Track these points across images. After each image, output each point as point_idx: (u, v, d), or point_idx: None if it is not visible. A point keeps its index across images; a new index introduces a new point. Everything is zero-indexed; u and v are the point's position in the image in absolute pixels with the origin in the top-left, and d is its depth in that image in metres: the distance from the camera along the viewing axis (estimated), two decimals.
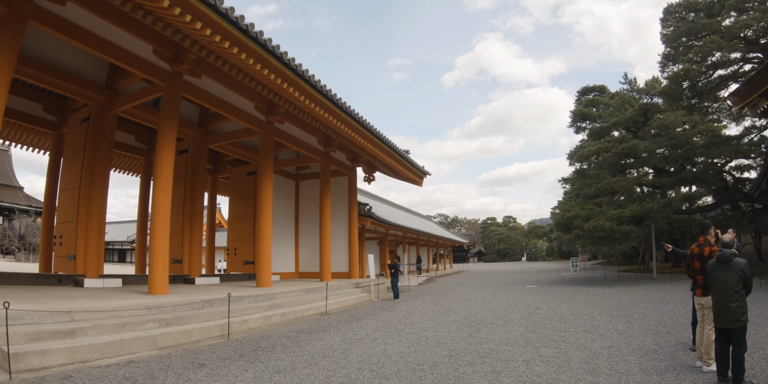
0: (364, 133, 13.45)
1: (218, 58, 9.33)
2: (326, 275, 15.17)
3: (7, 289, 8.15)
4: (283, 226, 17.83)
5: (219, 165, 18.02)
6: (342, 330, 8.62)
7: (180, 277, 12.53)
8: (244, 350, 6.53)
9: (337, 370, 5.49)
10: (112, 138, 11.08)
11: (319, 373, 5.34)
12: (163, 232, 9.03)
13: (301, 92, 10.24)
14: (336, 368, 5.61)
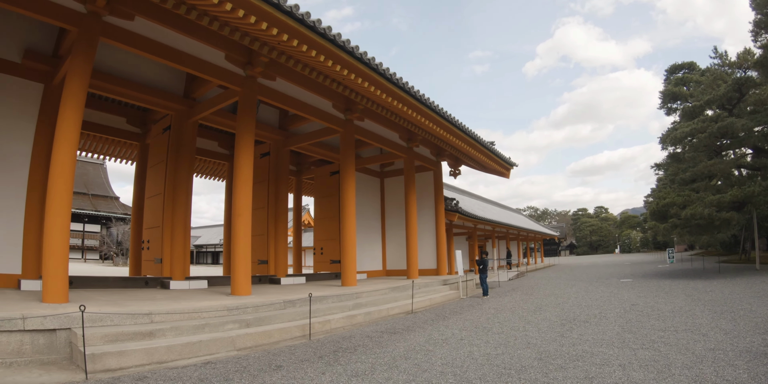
0: (446, 125, 12.97)
1: (290, 59, 9.24)
2: (413, 273, 14.83)
3: (93, 292, 8.45)
4: (370, 224, 17.68)
5: (303, 166, 18.23)
6: (427, 330, 8.17)
7: (266, 278, 12.68)
8: (324, 351, 6.25)
9: (417, 374, 5.05)
10: (194, 145, 11.34)
11: (399, 378, 4.92)
12: (245, 233, 9.03)
13: (378, 88, 10.02)
14: (417, 372, 5.16)
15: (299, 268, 18.01)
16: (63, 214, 6.54)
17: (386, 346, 6.60)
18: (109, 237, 43.39)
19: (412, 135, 15.35)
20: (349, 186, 12.19)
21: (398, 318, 9.65)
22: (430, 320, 9.34)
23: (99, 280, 9.57)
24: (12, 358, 4.96)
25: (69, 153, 6.70)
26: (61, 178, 6.60)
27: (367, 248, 17.25)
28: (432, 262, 17.17)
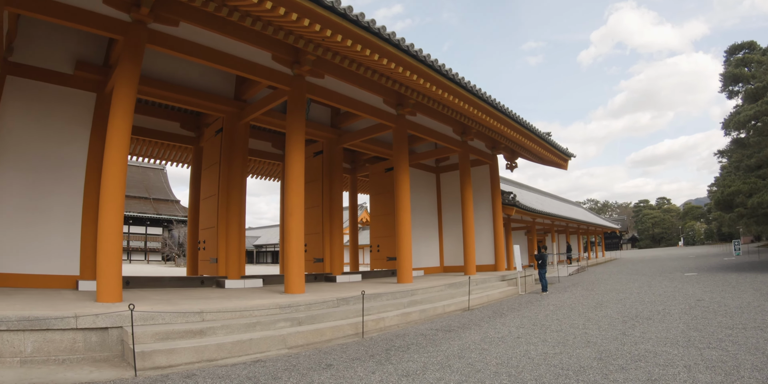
0: (501, 117, 12.57)
1: (336, 55, 9.15)
2: (470, 268, 14.47)
3: (148, 292, 8.68)
4: (426, 220, 17.48)
5: (357, 164, 18.23)
6: (483, 327, 7.87)
7: (322, 276, 12.73)
8: (376, 350, 6.09)
9: (470, 375, 4.78)
10: (246, 146, 11.54)
11: (451, 378, 4.67)
12: (297, 232, 9.03)
13: (431, 82, 9.83)
14: (470, 372, 4.89)
15: (356, 265, 18.05)
16: (115, 217, 6.70)
17: (440, 345, 6.36)
18: (170, 239, 45.29)
19: (466, 128, 15.01)
20: (403, 182, 12.04)
21: (454, 315, 9.38)
22: (486, 317, 9.02)
23: (155, 280, 9.87)
24: (65, 355, 5.12)
25: (120, 158, 6.87)
26: (113, 182, 6.77)
27: (424, 244, 17.04)
28: (490, 258, 16.81)
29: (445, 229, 18.08)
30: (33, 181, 8.21)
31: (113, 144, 6.89)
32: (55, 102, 8.60)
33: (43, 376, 4.59)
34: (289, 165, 9.25)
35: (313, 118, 13.17)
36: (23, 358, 4.95)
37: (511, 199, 18.41)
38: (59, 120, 8.58)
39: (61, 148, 8.53)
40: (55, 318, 5.11)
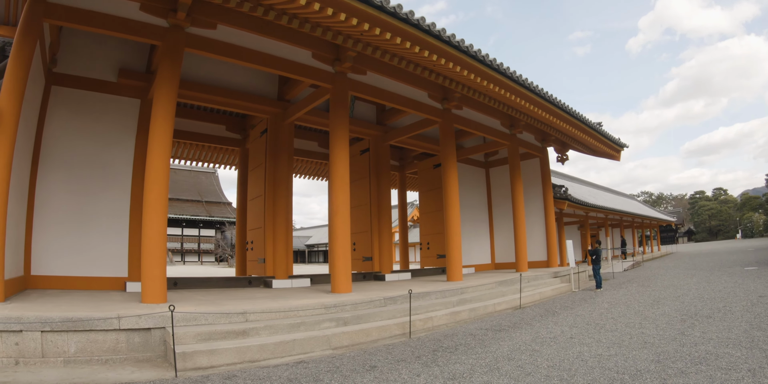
0: (549, 107, 12.08)
1: (376, 49, 9.02)
2: (522, 265, 14.04)
3: (195, 292, 8.76)
4: (476, 217, 17.06)
5: (405, 161, 18.03)
6: (535, 326, 7.51)
7: (370, 275, 12.61)
8: (423, 351, 5.87)
9: (520, 378, 4.49)
10: (291, 146, 11.52)
11: (499, 382, 4.39)
12: (343, 230, 8.92)
13: (475, 73, 9.53)
14: (519, 375, 4.59)
15: (406, 263, 17.84)
16: (158, 219, 6.77)
17: (489, 346, 6.06)
18: (223, 240, 46.47)
19: (515, 121, 14.52)
20: (451, 177, 11.77)
21: (505, 314, 9.04)
22: (538, 316, 8.65)
23: (203, 281, 10.00)
24: (108, 356, 5.19)
25: (162, 161, 6.93)
26: (156, 185, 6.84)
27: (475, 241, 16.64)
28: (542, 254, 16.24)
29: (495, 225, 17.61)
30: (81, 187, 8.44)
31: (155, 148, 6.96)
32: (100, 110, 8.82)
33: (85, 376, 4.67)
34: (334, 163, 9.15)
35: (358, 115, 13.12)
36: (66, 358, 5.06)
37: (563, 192, 17.72)
38: (104, 127, 8.81)
39: (107, 154, 8.75)
40: (98, 319, 5.19)
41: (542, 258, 16.14)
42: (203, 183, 52.14)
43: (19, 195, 7.37)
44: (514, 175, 14.75)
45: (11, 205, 6.64)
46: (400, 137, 13.40)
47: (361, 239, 13.37)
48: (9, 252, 6.53)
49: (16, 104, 6.28)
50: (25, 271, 7.82)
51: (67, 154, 8.44)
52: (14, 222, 7.07)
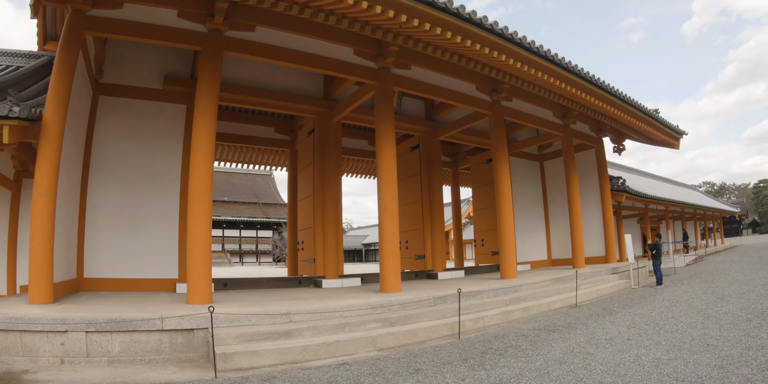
0: (603, 95, 11.43)
1: (418, 42, 8.79)
2: (579, 261, 13.36)
3: (243, 293, 8.84)
4: (531, 212, 16.40)
5: (458, 156, 17.66)
6: (590, 327, 7.05)
7: (423, 273, 12.33)
8: (471, 353, 5.59)
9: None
10: (339, 145, 11.50)
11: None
12: (392, 229, 8.74)
13: (524, 63, 9.15)
14: (570, 381, 4.24)
15: (461, 261, 17.47)
16: (203, 221, 6.87)
17: (541, 348, 5.69)
18: (280, 241, 46.95)
19: (567, 111, 13.81)
20: (502, 171, 11.34)
21: (560, 313, 8.56)
22: (594, 315, 8.15)
23: (253, 282, 10.07)
24: (151, 356, 5.27)
25: (204, 163, 7.02)
26: (199, 188, 6.94)
27: (530, 237, 16.00)
28: (599, 249, 15.38)
29: (552, 220, 16.86)
30: (131, 192, 8.70)
31: (198, 150, 7.03)
32: (147, 116, 9.05)
33: (126, 376, 4.75)
34: (381, 160, 8.98)
35: (406, 111, 12.89)
36: (111, 357, 5.17)
37: (620, 184, 16.76)
38: (152, 133, 9.03)
39: (156, 160, 8.96)
40: (140, 320, 5.28)
41: (600, 253, 15.33)
42: (260, 185, 53.48)
43: (70, 201, 7.68)
44: (569, 167, 14.08)
45: (62, 211, 6.97)
46: (450, 132, 13.05)
47: (413, 237, 13.15)
48: (59, 256, 6.82)
49: (61, 115, 6.55)
50: (77, 273, 8.16)
51: (117, 161, 8.72)
52: (65, 227, 7.38)
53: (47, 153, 6.40)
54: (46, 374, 4.71)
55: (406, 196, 13.69)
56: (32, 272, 6.11)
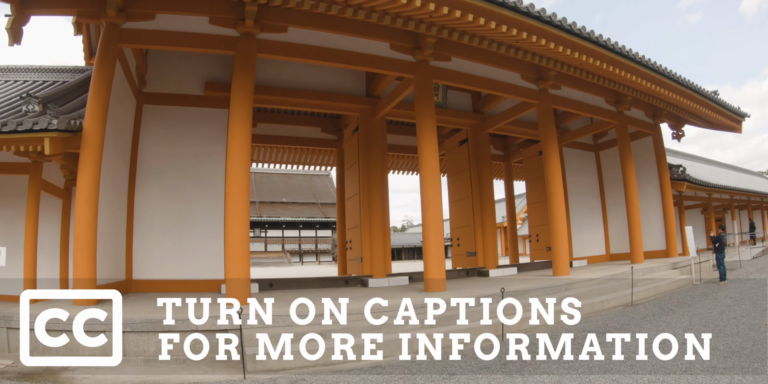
0: (656, 78, 10.53)
1: (453, 32, 8.39)
2: (637, 256, 12.43)
3: (286, 293, 8.75)
4: (587, 204, 15.38)
5: (510, 149, 16.88)
6: (644, 328, 6.41)
7: (474, 271, 11.84)
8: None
9: None
10: (384, 143, 11.31)
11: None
12: (435, 226, 8.45)
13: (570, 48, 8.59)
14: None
15: (516, 257, 16.78)
16: (240, 222, 6.94)
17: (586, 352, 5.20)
18: None
19: (620, 97, 12.78)
20: (552, 163, 10.69)
21: (613, 312, 7.89)
22: (650, 315, 7.45)
23: (299, 282, 10.05)
24: (186, 356, 5.15)
25: (240, 164, 7.09)
26: (236, 189, 7.03)
27: (586, 231, 14.98)
28: (659, 242, 14.22)
29: (609, 212, 15.69)
30: (177, 196, 8.90)
31: (234, 153, 7.10)
32: (190, 122, 9.24)
33: (157, 375, 4.85)
34: (422, 156, 8.67)
35: (453, 105, 12.40)
36: (147, 357, 5.28)
37: (681, 173, 15.42)
38: (195, 138, 9.20)
39: (200, 164, 9.11)
40: (176, 320, 5.29)
41: (660, 247, 14.15)
42: (318, 185, 53.96)
43: (115, 206, 8.02)
44: (625, 156, 13.11)
45: (106, 216, 7.24)
46: (498, 124, 12.45)
47: (464, 234, 12.70)
48: (104, 258, 7.10)
49: (100, 125, 6.82)
50: (126, 275, 8.46)
51: (162, 166, 8.98)
52: (110, 231, 7.68)
53: (88, 162, 6.67)
54: (84, 373, 4.88)
55: (456, 192, 13.26)
56: (75, 275, 6.42)
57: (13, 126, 6.28)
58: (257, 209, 44.20)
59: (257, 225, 43.74)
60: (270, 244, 44.85)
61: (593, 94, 12.09)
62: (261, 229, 44.57)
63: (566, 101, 11.80)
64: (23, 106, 7.08)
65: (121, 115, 8.04)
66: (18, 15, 6.67)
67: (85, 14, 7.21)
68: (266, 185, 48.29)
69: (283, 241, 44.93)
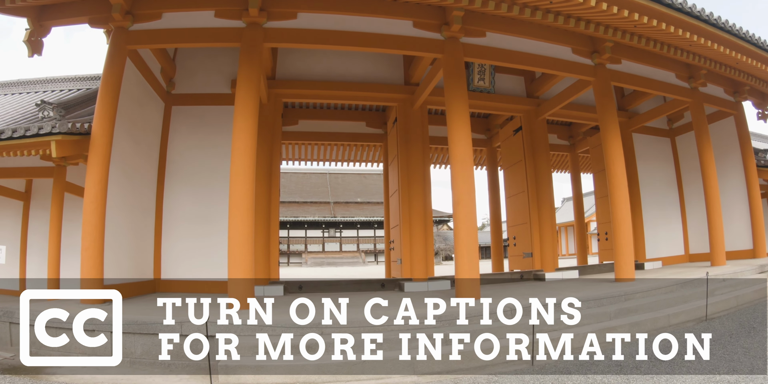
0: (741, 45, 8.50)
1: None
2: (718, 257, 10.17)
3: (310, 297, 7.99)
4: (663, 198, 12.97)
5: (576, 138, 14.70)
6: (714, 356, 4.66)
7: (530, 274, 10.25)
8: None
9: None
10: (426, 134, 10.30)
11: None
12: (467, 225, 7.24)
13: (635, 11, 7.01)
14: None
15: (584, 258, 14.67)
16: (242, 222, 6.47)
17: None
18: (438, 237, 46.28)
19: (693, 70, 10.42)
20: (613, 149, 8.82)
21: (680, 329, 5.98)
22: (725, 336, 5.58)
23: (330, 284, 9.31)
24: (171, 361, 4.96)
25: (244, 161, 6.64)
26: (239, 187, 6.58)
27: (662, 228, 12.61)
28: (746, 241, 11.62)
29: (688, 206, 13.09)
30: (204, 196, 8.51)
31: (238, 147, 6.63)
32: (217, 122, 8.81)
33: (134, 378, 4.82)
34: (452, 145, 7.40)
35: (502, 90, 10.87)
36: (133, 359, 5.17)
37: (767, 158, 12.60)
38: (222, 138, 8.47)
39: (227, 162, 8.52)
40: (160, 323, 5.03)
41: (746, 246, 11.57)
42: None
43: (139, 207, 8.02)
44: (702, 139, 10.79)
45: (127, 216, 7.60)
46: (553, 109, 10.67)
47: (520, 233, 11.04)
48: (122, 257, 7.22)
49: (108, 127, 6.70)
50: (155, 275, 8.28)
51: (190, 166, 8.67)
52: (132, 231, 7.79)
53: (95, 163, 6.50)
54: (69, 369, 4.89)
55: (512, 187, 11.74)
56: (82, 274, 6.29)
57: (21, 132, 6.45)
58: (332, 209, 44.56)
59: (331, 225, 44.09)
60: (345, 243, 44.76)
61: (660, 68, 9.98)
62: (336, 229, 44.80)
63: (628, 77, 9.84)
64: (39, 113, 7.13)
65: (140, 116, 7.84)
66: (35, 27, 6.84)
67: (95, 21, 7.06)
68: (341, 185, 48.56)
69: (358, 240, 44.79)
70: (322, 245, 44.27)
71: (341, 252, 44.04)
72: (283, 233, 42.04)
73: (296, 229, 43.18)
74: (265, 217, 8.68)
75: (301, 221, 42.60)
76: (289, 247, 43.34)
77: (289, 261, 42.92)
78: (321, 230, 44.40)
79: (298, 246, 43.78)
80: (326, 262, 41.29)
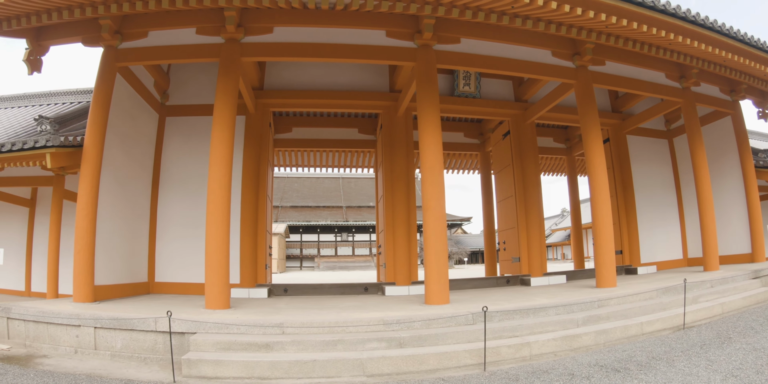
0: (726, 42, 8.19)
1: (453, 7, 7.11)
2: (711, 262, 9.65)
3: (290, 300, 8.23)
4: (659, 200, 12.48)
5: (572, 141, 14.46)
6: (674, 368, 4.48)
7: (516, 278, 10.03)
8: None
9: None
10: (411, 139, 10.23)
11: None
12: (436, 230, 7.15)
13: (601, 11, 6.93)
14: None
15: (581, 263, 14.21)
16: (220, 229, 6.66)
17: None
18: (456, 243, 45.77)
19: (684, 70, 10.01)
20: (594, 152, 8.59)
21: (652, 339, 5.75)
22: (695, 346, 5.24)
23: (314, 288, 9.25)
24: (147, 355, 5.43)
25: (221, 170, 6.86)
26: (216, 195, 6.77)
27: (659, 232, 12.15)
28: (743, 244, 11.12)
29: (686, 209, 12.54)
30: (195, 202, 8.65)
31: (216, 156, 6.87)
32: (207, 131, 8.27)
33: (111, 370, 5.02)
34: (423, 151, 7.32)
35: (489, 94, 10.80)
36: (114, 352, 5.53)
37: (767, 159, 11.96)
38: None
39: None
40: (136, 320, 5.43)
41: (744, 250, 11.08)
42: None
43: (131, 214, 8.34)
44: (694, 140, 10.35)
45: (120, 222, 7.78)
46: (540, 112, 10.42)
47: (509, 237, 10.79)
48: (115, 261, 7.63)
49: (98, 139, 7.11)
50: (149, 278, 8.56)
51: (183, 174, 8.89)
52: (126, 236, 8.22)
53: (86, 173, 6.82)
54: (55, 360, 5.28)
55: (501, 191, 11.49)
56: (74, 275, 6.68)
57: (19, 145, 6.89)
58: (344, 214, 44.52)
59: (344, 229, 43.89)
60: (357, 247, 44.54)
61: (647, 68, 9.62)
62: (348, 233, 44.55)
63: (613, 79, 9.51)
64: (38, 126, 7.59)
65: (132, 128, 8.11)
66: (34, 47, 7.31)
67: (87, 40, 7.40)
68: (353, 190, 48.66)
69: (370, 244, 44.68)
70: (334, 249, 44.18)
71: (354, 256, 44.00)
72: (296, 237, 42.15)
73: (309, 233, 43.23)
74: (252, 223, 8.80)
75: (313, 226, 42.65)
76: (301, 251, 43.49)
77: (302, 265, 43.03)
78: (334, 234, 44.15)
79: (310, 250, 43.84)
80: (338, 266, 41.25)
